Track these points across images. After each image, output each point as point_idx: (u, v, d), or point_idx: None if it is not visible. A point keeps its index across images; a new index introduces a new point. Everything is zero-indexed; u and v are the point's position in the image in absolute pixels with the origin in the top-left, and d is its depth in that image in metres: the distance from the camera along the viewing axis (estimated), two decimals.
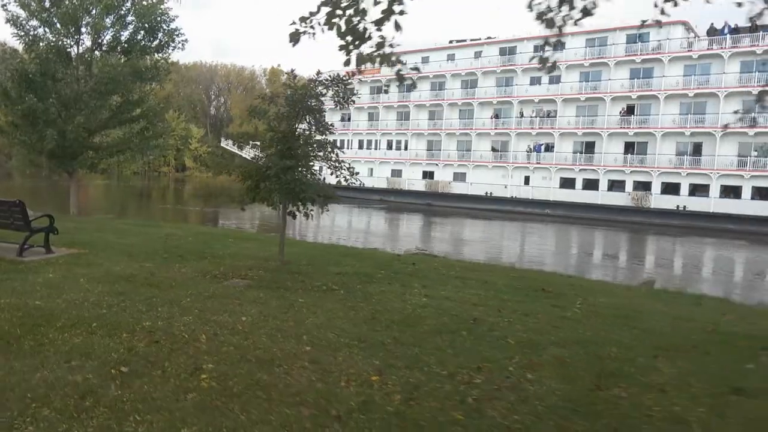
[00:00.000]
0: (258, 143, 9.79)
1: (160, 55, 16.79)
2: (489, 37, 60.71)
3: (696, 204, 42.78)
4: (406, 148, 65.33)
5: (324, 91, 9.46)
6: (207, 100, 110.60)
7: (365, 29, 4.05)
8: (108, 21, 15.66)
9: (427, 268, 9.85)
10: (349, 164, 9.56)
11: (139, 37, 16.49)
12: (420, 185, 61.10)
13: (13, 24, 15.80)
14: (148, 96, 17.57)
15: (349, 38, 4.08)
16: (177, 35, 16.69)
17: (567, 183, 50.31)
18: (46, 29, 15.83)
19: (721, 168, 42.43)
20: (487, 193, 54.54)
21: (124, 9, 16.33)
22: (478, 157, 57.67)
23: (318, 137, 9.62)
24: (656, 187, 45.29)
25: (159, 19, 16.25)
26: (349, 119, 70.33)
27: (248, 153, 55.99)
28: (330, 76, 9.61)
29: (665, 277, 17.05)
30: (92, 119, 16.43)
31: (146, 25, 16.18)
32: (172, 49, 16.78)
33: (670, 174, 44.80)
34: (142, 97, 17.13)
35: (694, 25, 47.28)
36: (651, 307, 8.24)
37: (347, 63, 4.23)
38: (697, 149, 44.45)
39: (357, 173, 9.41)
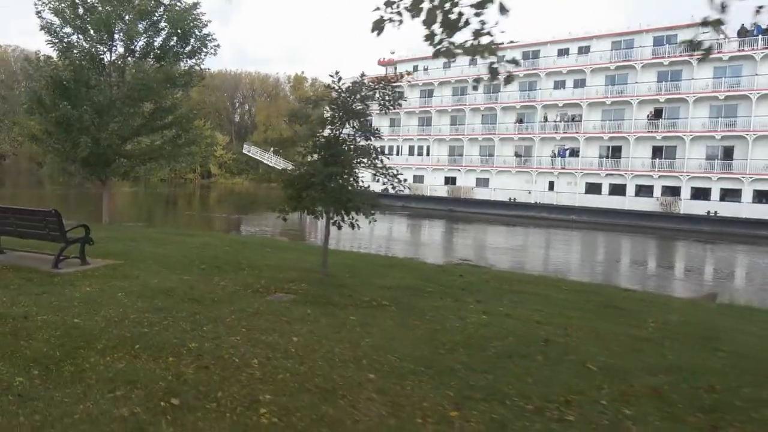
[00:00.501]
0: (299, 149, 9.26)
1: (193, 60, 16.48)
2: (511, 41, 59.01)
3: (727, 209, 41.50)
4: (428, 154, 64.67)
5: (370, 93, 8.92)
6: (231, 108, 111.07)
7: (460, 14, 3.49)
8: (141, 27, 15.35)
9: (476, 281, 9.24)
10: (397, 171, 9.00)
11: (171, 43, 16.17)
12: (442, 191, 60.39)
13: (47, 31, 15.59)
14: (181, 103, 17.26)
15: (438, 26, 3.52)
16: (209, 40, 16.38)
17: (593, 188, 49.24)
18: (80, 36, 15.58)
19: (754, 172, 41.13)
20: (510, 198, 53.67)
21: (156, 15, 16.06)
22: (501, 162, 56.83)
23: (362, 143, 9.08)
24: (686, 192, 44.08)
25: (191, 24, 15.92)
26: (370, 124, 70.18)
27: (270, 160, 55.73)
28: (377, 78, 9.06)
29: (724, 289, 16.15)
30: (125, 126, 16.13)
31: (179, 30, 15.84)
32: (205, 55, 16.50)
33: (700, 179, 43.57)
34: (175, 103, 16.81)
35: (723, 26, 45.97)
36: (727, 325, 7.54)
37: (436, 55, 3.68)
38: (728, 153, 43.18)
39: (405, 180, 8.84)
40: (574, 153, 50.94)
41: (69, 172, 17.18)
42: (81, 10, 15.48)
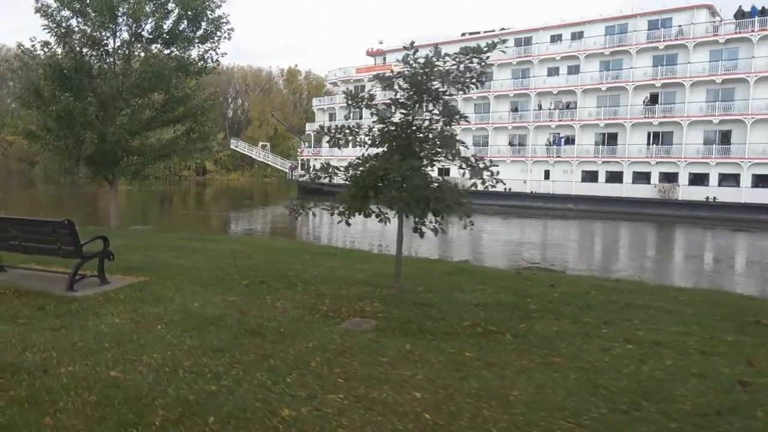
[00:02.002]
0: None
1: (207, 45, 14.46)
2: (503, 29, 58.04)
3: (726, 195, 40.38)
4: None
5: (454, 68, 7.22)
6: (225, 102, 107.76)
7: None
8: (148, 8, 13.33)
9: (577, 293, 7.62)
10: (490, 162, 7.34)
11: (181, 27, 14.18)
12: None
13: (43, 14, 13.48)
14: (195, 92, 15.30)
15: None
16: (224, 23, 14.40)
17: (589, 176, 47.85)
18: (79, 20, 13.54)
19: (752, 156, 40.02)
20: (505, 188, 52.16)
21: None
22: (495, 152, 54.99)
23: (439, 129, 7.36)
24: (683, 178, 42.89)
25: (203, 5, 13.94)
26: (360, 116, 68.05)
27: (259, 155, 53.94)
28: (470, 46, 7.32)
29: None
30: (134, 120, 14.18)
31: (189, 12, 13.88)
32: (218, 40, 14.51)
33: (697, 164, 42.38)
34: (188, 93, 14.83)
35: (719, 8, 44.80)
36: None
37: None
38: (725, 137, 42.03)
39: (498, 173, 7.16)
40: (570, 141, 49.52)
41: (71, 172, 15.10)
42: None
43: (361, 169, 7.36)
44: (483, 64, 7.12)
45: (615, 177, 46.23)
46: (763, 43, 40.18)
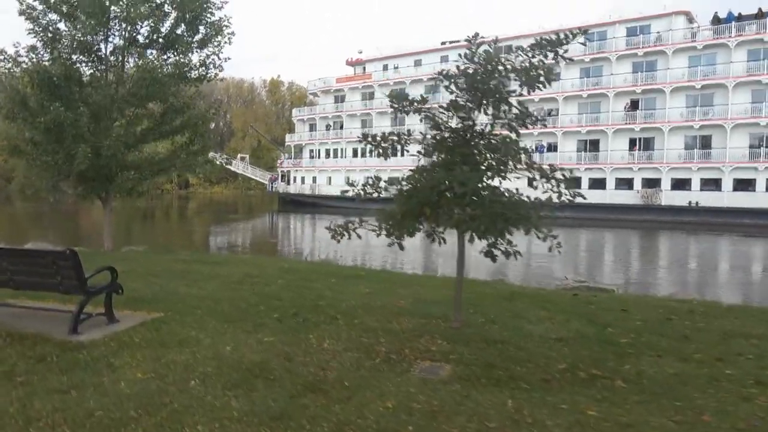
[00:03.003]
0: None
1: (209, 49, 13.11)
2: (482, 37, 57.64)
3: (709, 199, 40.22)
4: (402, 154, 61.76)
5: (519, 64, 6.21)
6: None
7: None
8: (143, 9, 11.95)
9: (655, 319, 6.61)
10: (569, 171, 6.34)
11: (178, 31, 12.88)
12: None
13: (28, 17, 12.01)
14: (195, 101, 13.97)
15: None
16: (225, 26, 13.08)
17: (573, 183, 47.32)
18: (68, 24, 12.14)
19: (733, 161, 39.98)
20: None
21: None
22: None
23: (501, 135, 6.34)
24: (666, 184, 42.70)
25: (204, 6, 12.65)
26: (341, 127, 67.02)
27: (238, 166, 52.36)
28: (545, 38, 6.29)
29: None
30: (130, 131, 12.81)
31: (187, 15, 12.58)
32: (219, 45, 13.19)
33: (679, 169, 42.22)
34: (187, 102, 13.48)
35: (695, 15, 44.92)
36: None
37: None
38: (706, 142, 41.97)
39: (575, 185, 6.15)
40: (552, 148, 49.09)
41: (61, 190, 13.56)
42: None
43: (423, 181, 6.25)
44: (559, 57, 6.11)
45: (598, 183, 45.84)
46: (740, 49, 40.29)
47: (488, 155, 6.13)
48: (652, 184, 43.21)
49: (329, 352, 5.49)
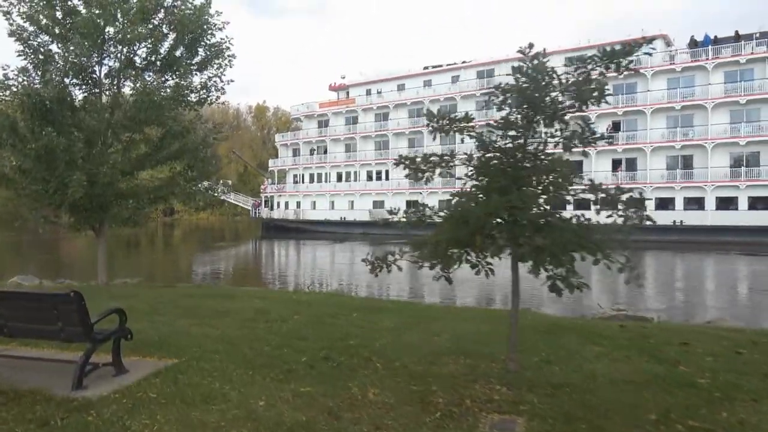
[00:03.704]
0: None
1: (212, 71, 12.36)
2: (464, 61, 57.98)
3: (692, 218, 40.35)
4: (387, 178, 61.49)
5: (578, 76, 5.64)
6: None
7: None
8: (142, 30, 11.15)
9: (723, 353, 5.94)
10: (640, 193, 5.75)
11: (177, 53, 12.14)
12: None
13: (18, 38, 11.14)
14: (194, 125, 13.16)
15: None
16: (225, 48, 12.33)
17: (560, 204, 47.29)
18: (60, 45, 11.32)
19: (715, 180, 40.25)
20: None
21: (157, 19, 11.89)
22: (463, 182, 54.35)
23: (555, 156, 5.74)
24: (650, 203, 42.64)
25: (204, 28, 11.91)
26: (325, 151, 66.44)
27: (222, 193, 51.31)
28: (606, 49, 5.73)
29: None
30: (126, 157, 11.93)
31: (186, 37, 11.85)
32: (217, 67, 12.43)
33: (663, 189, 42.40)
34: (187, 126, 12.69)
35: (672, 38, 45.66)
36: None
37: None
38: (687, 162, 42.28)
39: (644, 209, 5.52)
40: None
41: (51, 221, 12.52)
42: (60, 14, 11.36)
43: (461, 208, 5.61)
44: (625, 69, 5.57)
45: (583, 205, 45.55)
46: (717, 71, 40.88)
47: (543, 177, 5.51)
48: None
49: (379, 406, 4.75)
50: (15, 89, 10.52)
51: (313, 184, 66.84)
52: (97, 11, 10.85)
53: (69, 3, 11.39)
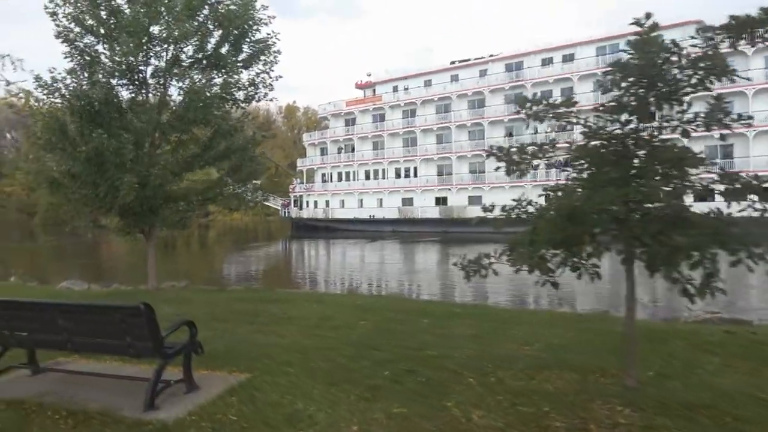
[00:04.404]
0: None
1: (260, 67, 11.86)
2: (492, 55, 56.86)
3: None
4: (415, 175, 60.75)
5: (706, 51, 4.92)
6: None
7: None
8: (189, 27, 10.68)
9: None
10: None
11: (223, 50, 11.61)
12: (433, 212, 56.38)
13: (65, 39, 10.75)
14: (242, 123, 12.45)
15: None
16: (272, 42, 11.80)
17: None
18: (105, 45, 10.98)
19: (757, 169, 38.58)
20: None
21: (203, 14, 11.34)
22: (493, 178, 53.29)
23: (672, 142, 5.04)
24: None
25: (250, 23, 11.38)
26: (353, 150, 65.87)
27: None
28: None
29: None
30: (176, 158, 11.54)
31: (235, 31, 11.40)
32: (264, 63, 11.93)
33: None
34: (235, 125, 12.04)
35: (707, 23, 43.96)
36: None
37: None
38: (727, 152, 40.62)
39: None
40: (568, 164, 47.71)
41: (100, 225, 12.13)
42: (104, 14, 10.87)
43: (568, 202, 4.94)
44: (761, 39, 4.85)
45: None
46: (757, 56, 39.18)
47: (666, 166, 4.81)
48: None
49: (488, 431, 4.14)
50: (63, 91, 10.15)
51: (341, 182, 66.44)
52: (142, 9, 10.42)
53: (113, 2, 10.96)
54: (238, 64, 11.64)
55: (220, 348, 6.44)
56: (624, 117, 5.02)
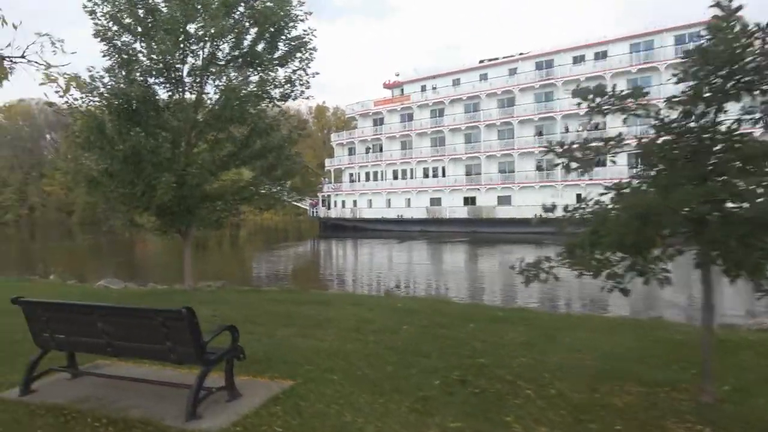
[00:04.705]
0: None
1: (297, 64, 11.69)
2: (521, 53, 55.90)
3: None
4: (444, 175, 60.14)
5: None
6: None
7: None
8: (225, 24, 10.57)
9: None
10: None
11: (259, 48, 11.47)
12: (462, 212, 55.70)
13: (102, 38, 10.72)
14: (279, 122, 12.36)
15: None
16: (309, 39, 11.61)
17: None
18: (143, 44, 11.03)
19: None
20: (536, 215, 48.96)
21: (238, 12, 11.22)
22: (523, 177, 52.51)
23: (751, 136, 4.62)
24: None
25: (286, 20, 11.22)
26: (381, 149, 65.58)
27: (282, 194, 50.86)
28: None
29: None
30: (213, 157, 11.45)
31: (272, 29, 11.26)
32: (300, 60, 11.74)
33: None
34: (271, 124, 11.85)
35: (748, 19, 42.41)
36: None
37: None
38: None
39: None
40: (603, 162, 46.58)
41: (137, 224, 12.12)
42: (142, 12, 10.82)
43: (638, 202, 4.56)
44: None
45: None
46: None
47: (743, 163, 4.39)
48: None
49: None
50: (101, 90, 10.10)
51: (369, 182, 66.18)
52: (179, 7, 10.30)
53: (151, 1, 10.88)
54: (274, 62, 11.47)
55: (259, 352, 6.19)
56: (700, 109, 4.59)
